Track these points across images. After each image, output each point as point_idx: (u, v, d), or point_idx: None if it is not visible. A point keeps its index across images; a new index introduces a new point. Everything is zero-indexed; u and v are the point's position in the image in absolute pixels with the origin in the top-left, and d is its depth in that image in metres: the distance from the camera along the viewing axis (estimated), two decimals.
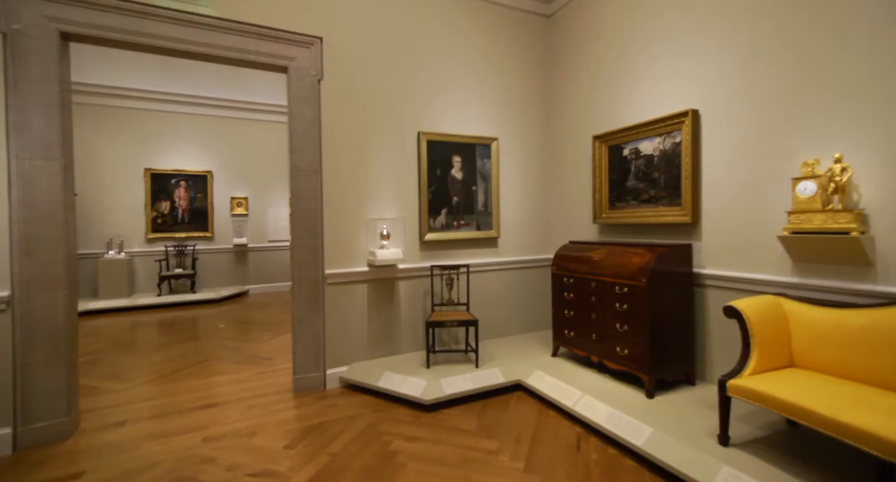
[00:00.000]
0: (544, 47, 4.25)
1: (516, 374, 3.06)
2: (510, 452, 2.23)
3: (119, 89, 6.45)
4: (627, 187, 3.40)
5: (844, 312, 1.98)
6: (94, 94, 6.37)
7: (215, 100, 7.05)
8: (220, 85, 6.46)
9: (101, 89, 6.34)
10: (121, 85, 6.38)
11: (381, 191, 3.43)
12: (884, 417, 1.51)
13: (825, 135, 2.23)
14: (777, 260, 2.43)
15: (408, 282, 3.51)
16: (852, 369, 1.91)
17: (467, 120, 3.82)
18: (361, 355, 3.32)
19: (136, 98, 6.62)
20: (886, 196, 2.01)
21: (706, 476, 1.80)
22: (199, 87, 6.55)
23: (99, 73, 5.90)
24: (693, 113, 2.85)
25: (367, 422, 2.59)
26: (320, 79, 3.20)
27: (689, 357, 2.78)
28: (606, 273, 2.91)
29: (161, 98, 6.73)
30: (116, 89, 6.43)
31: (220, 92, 6.81)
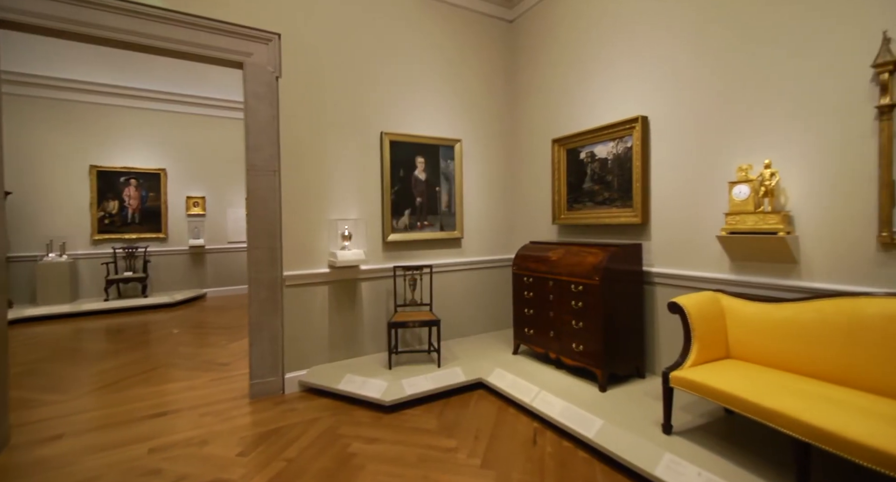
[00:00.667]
0: (507, 52, 4.34)
1: (477, 373, 3.10)
2: (468, 449, 2.27)
3: (61, 80, 6.03)
4: (584, 189, 3.53)
5: (772, 306, 2.15)
6: (32, 86, 5.92)
7: (169, 94, 6.73)
8: (174, 79, 6.17)
9: (39, 80, 5.91)
10: (63, 76, 5.98)
11: (342, 191, 3.40)
12: (800, 401, 1.66)
13: (757, 142, 2.40)
14: (716, 258, 2.60)
15: (370, 284, 3.49)
16: (779, 358, 2.07)
17: (431, 121, 3.84)
18: (322, 358, 3.26)
19: (80, 90, 6.21)
20: (808, 199, 2.19)
21: (649, 463, 1.91)
22: (151, 80, 6.23)
23: (39, 62, 5.49)
24: (643, 119, 3.00)
25: (326, 426, 2.55)
26: (278, 76, 3.13)
27: (640, 351, 2.92)
28: (563, 272, 3.01)
29: (109, 91, 6.35)
30: (58, 80, 6.01)
31: (174, 86, 6.50)
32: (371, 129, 3.53)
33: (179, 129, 6.99)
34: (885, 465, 1.34)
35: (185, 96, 6.84)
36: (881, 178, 1.94)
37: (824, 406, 1.62)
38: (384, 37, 3.59)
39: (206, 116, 7.17)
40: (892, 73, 1.90)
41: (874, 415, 1.54)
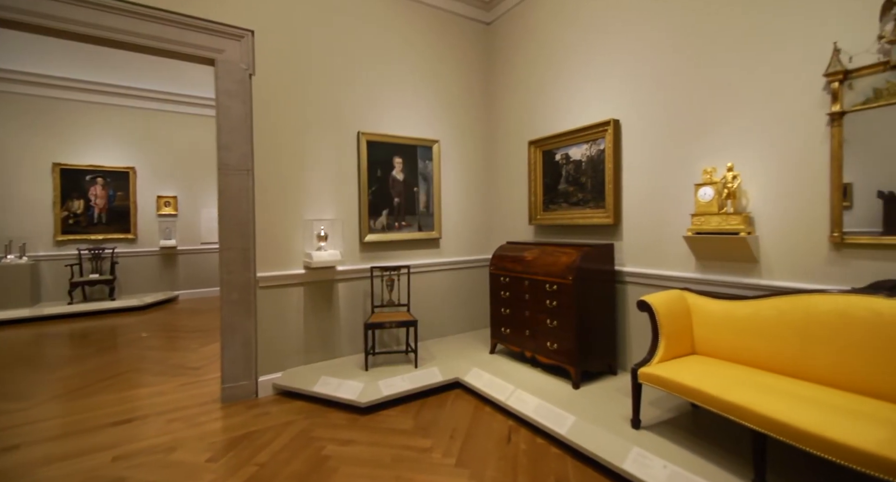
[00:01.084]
0: (484, 54, 4.38)
1: (455, 373, 3.12)
2: (443, 449, 2.28)
3: (22, 74, 5.76)
4: (559, 190, 3.60)
5: (734, 304, 2.24)
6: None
7: (139, 90, 6.51)
8: (145, 74, 5.98)
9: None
10: (24, 69, 5.70)
11: (318, 191, 3.36)
12: (758, 394, 1.73)
13: (721, 146, 2.50)
14: (683, 258, 2.69)
15: (347, 284, 3.46)
16: (740, 354, 2.16)
17: (409, 122, 3.84)
18: (297, 360, 3.22)
19: (42, 85, 5.94)
20: (767, 201, 2.30)
21: (618, 457, 1.96)
22: (119, 75, 6.01)
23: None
24: (615, 122, 3.08)
25: (300, 429, 2.52)
26: (252, 73, 3.07)
27: (612, 349, 2.99)
28: (538, 272, 3.05)
29: (73, 86, 6.10)
30: (18, 74, 5.74)
31: (144, 82, 6.29)
32: (348, 129, 3.50)
33: (150, 126, 6.77)
34: (833, 453, 1.42)
35: (156, 92, 6.63)
36: (832, 181, 2.05)
37: (780, 398, 1.69)
38: (361, 37, 3.57)
39: (178, 113, 6.96)
40: (842, 81, 2.01)
41: (825, 405, 1.62)
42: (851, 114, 2.00)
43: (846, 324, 1.83)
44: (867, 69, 1.94)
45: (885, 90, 1.90)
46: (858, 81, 1.98)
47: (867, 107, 1.95)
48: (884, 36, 1.88)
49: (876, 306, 1.78)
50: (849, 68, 1.99)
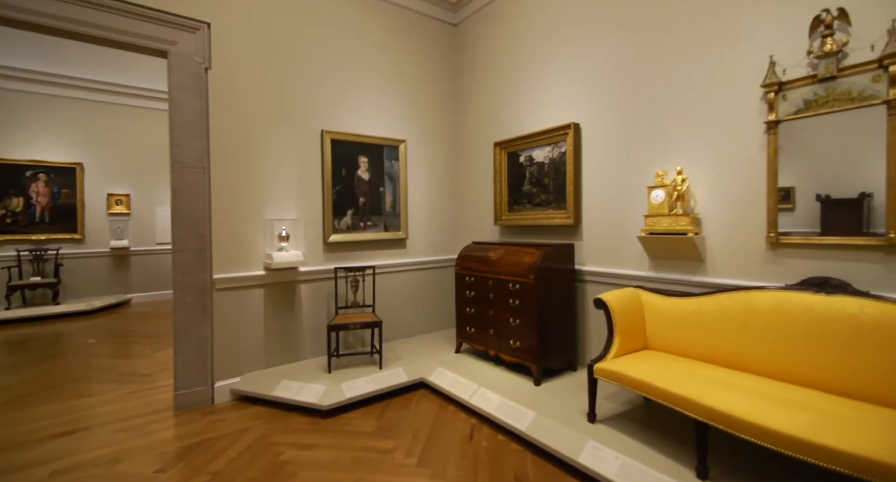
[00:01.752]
0: (451, 55, 4.40)
1: (420, 373, 3.12)
2: (405, 449, 2.27)
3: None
4: (523, 191, 3.67)
5: (682, 300, 2.36)
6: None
7: (87, 81, 6.12)
8: (92, 64, 5.63)
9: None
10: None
11: (280, 190, 3.27)
12: (701, 386, 1.83)
13: (672, 150, 2.63)
14: (638, 257, 2.80)
15: (310, 286, 3.39)
16: (688, 348, 2.28)
17: (375, 121, 3.81)
18: (257, 364, 3.12)
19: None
20: (713, 203, 2.43)
21: (574, 451, 2.02)
22: (65, 65, 5.63)
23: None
24: (575, 126, 3.17)
25: (258, 435, 2.45)
26: (208, 67, 2.96)
27: (572, 346, 3.08)
28: (502, 271, 3.10)
29: (13, 75, 5.66)
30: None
31: (93, 72, 5.92)
32: (311, 127, 3.43)
33: (99, 119, 6.38)
34: (764, 439, 1.52)
35: (107, 84, 6.26)
36: (769, 186, 2.19)
37: (720, 389, 1.80)
38: (325, 34, 3.51)
39: (131, 107, 6.60)
40: (776, 92, 2.16)
41: (759, 395, 1.74)
42: (785, 123, 2.15)
43: (780, 319, 1.97)
44: (798, 81, 2.09)
45: (813, 101, 2.06)
46: (791, 92, 2.13)
47: (798, 116, 2.10)
48: (812, 51, 2.04)
49: (806, 301, 1.93)
50: (783, 80, 2.13)
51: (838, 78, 1.98)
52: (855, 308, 1.78)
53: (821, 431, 1.43)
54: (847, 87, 1.96)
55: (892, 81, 1.82)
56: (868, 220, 1.91)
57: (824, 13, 2.00)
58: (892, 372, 1.65)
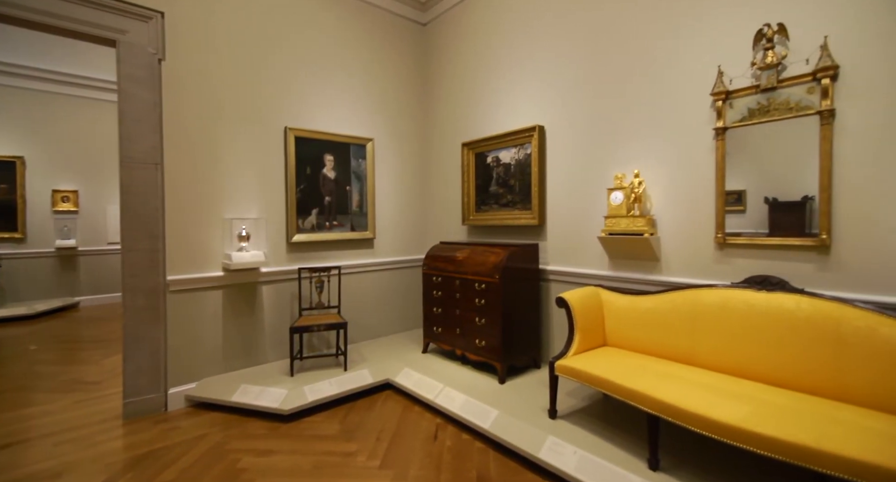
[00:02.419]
0: (420, 55, 4.39)
1: (386, 374, 3.09)
2: (368, 452, 2.25)
3: None
4: (490, 192, 3.70)
5: (638, 298, 2.45)
6: None
7: (31, 69, 5.70)
8: (35, 51, 5.24)
9: None
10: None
11: (240, 188, 3.16)
12: (653, 380, 1.91)
13: (630, 153, 2.72)
14: (598, 257, 2.89)
15: (272, 287, 3.30)
16: (643, 344, 2.37)
17: (341, 119, 3.74)
18: (215, 369, 3.01)
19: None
20: (667, 205, 2.54)
21: (535, 447, 2.06)
22: (5, 51, 5.22)
23: None
24: (539, 128, 3.23)
25: (214, 442, 2.36)
26: (161, 58, 2.82)
27: (536, 344, 3.14)
28: (469, 271, 3.13)
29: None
30: None
31: (37, 60, 5.52)
32: (274, 124, 3.34)
33: (42, 110, 5.95)
34: (708, 429, 1.61)
35: (51, 73, 5.84)
36: (717, 189, 2.31)
37: (671, 383, 1.88)
38: (289, 29, 3.42)
39: (77, 97, 6.19)
40: (724, 100, 2.28)
41: (706, 388, 1.83)
42: (732, 129, 2.27)
43: (726, 315, 2.08)
44: (743, 91, 2.22)
45: (757, 110, 2.19)
46: (737, 101, 2.25)
47: (744, 124, 2.23)
48: (755, 63, 2.16)
49: (749, 299, 2.05)
50: (730, 89, 2.25)
51: (778, 88, 2.11)
52: (791, 304, 1.91)
53: (758, 421, 1.53)
54: (786, 97, 2.09)
55: (824, 93, 1.96)
56: (810, 222, 2.04)
57: (766, 27, 2.12)
58: (822, 363, 1.77)
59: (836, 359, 1.74)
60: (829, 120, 1.95)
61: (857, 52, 1.89)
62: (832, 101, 1.95)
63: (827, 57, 1.94)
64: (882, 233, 1.84)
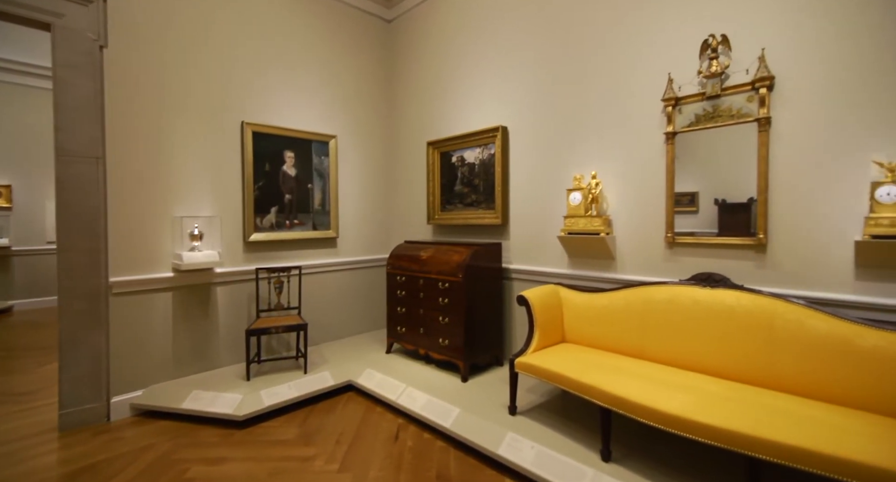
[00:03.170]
0: (386, 51, 4.34)
1: (348, 375, 3.04)
2: (327, 456, 2.20)
3: None
4: (455, 191, 3.71)
5: (595, 296, 2.53)
6: None
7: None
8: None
9: None
10: None
11: (192, 185, 3.01)
12: (606, 375, 1.98)
13: (589, 155, 2.80)
14: (559, 255, 2.96)
15: (228, 288, 3.16)
16: (599, 340, 2.45)
17: (303, 114, 3.64)
18: (164, 375, 2.85)
19: None
20: (621, 205, 2.64)
21: (494, 443, 2.08)
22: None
23: None
24: (503, 129, 3.27)
25: (161, 452, 2.23)
26: (103, 45, 2.64)
27: (499, 341, 3.18)
28: (432, 270, 3.12)
29: None
30: None
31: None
32: (230, 118, 3.20)
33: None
34: (654, 420, 1.68)
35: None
36: (667, 190, 2.42)
37: (623, 377, 1.95)
38: (248, 19, 3.28)
39: (11, 84, 5.69)
40: (674, 106, 2.39)
41: (654, 381, 1.91)
42: (682, 134, 2.38)
43: (674, 311, 2.18)
44: (691, 97, 2.33)
45: (703, 116, 2.31)
46: (686, 107, 2.36)
47: (692, 129, 2.34)
48: (702, 71, 2.28)
49: (694, 295, 2.16)
50: (679, 96, 2.36)
51: (722, 96, 2.23)
52: (732, 300, 2.02)
53: (700, 411, 1.61)
54: (729, 104, 2.21)
55: (762, 102, 2.09)
56: (755, 223, 2.16)
57: (711, 38, 2.24)
58: (758, 355, 1.90)
59: (770, 350, 1.86)
60: (766, 127, 2.09)
61: (789, 64, 2.04)
62: (769, 109, 2.08)
63: (764, 68, 2.07)
64: (809, 232, 1.99)
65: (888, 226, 1.69)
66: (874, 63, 1.82)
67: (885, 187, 1.72)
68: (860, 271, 1.86)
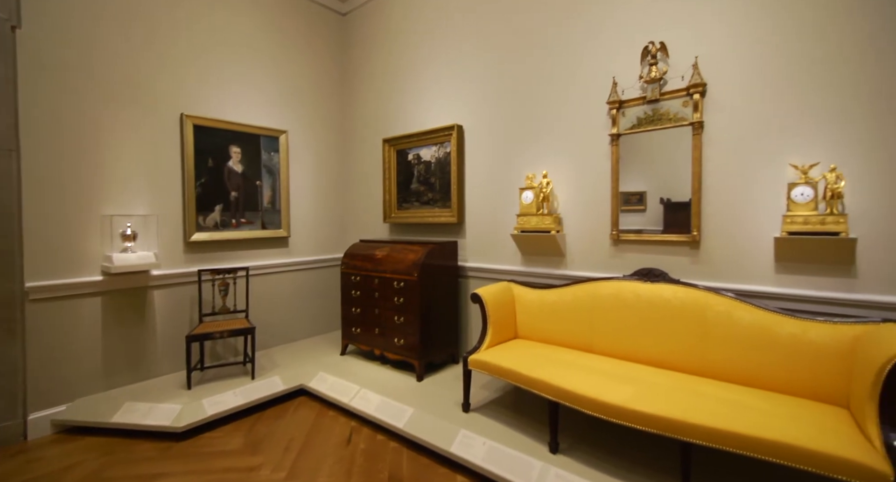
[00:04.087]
0: (340, 45, 4.22)
1: (299, 379, 2.93)
2: (274, 464, 2.11)
3: None
4: (412, 189, 3.68)
5: (546, 292, 2.60)
6: None
7: None
8: None
9: None
10: None
11: (124, 181, 2.79)
12: (555, 368, 2.03)
13: (540, 155, 2.86)
14: (512, 253, 3.01)
15: (167, 291, 2.96)
16: (549, 335, 2.51)
17: (250, 108, 3.47)
18: (93, 387, 2.62)
19: None
20: (571, 204, 2.72)
21: (446, 441, 2.08)
22: None
23: None
24: (458, 127, 3.27)
25: (88, 471, 2.05)
26: (16, 26, 2.38)
27: (455, 339, 3.19)
28: (387, 269, 3.08)
29: None
30: None
31: None
32: (168, 110, 2.99)
33: None
34: (599, 411, 1.74)
35: None
36: (612, 190, 2.52)
37: (570, 371, 2.01)
38: (186, 4, 3.07)
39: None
40: (618, 109, 2.49)
41: (601, 373, 1.99)
42: (625, 136, 2.48)
43: (618, 305, 2.28)
44: (634, 101, 2.43)
45: (644, 119, 2.42)
46: (629, 110, 2.47)
47: (634, 131, 2.45)
48: (643, 76, 2.39)
49: (636, 289, 2.26)
50: (623, 99, 2.46)
51: (661, 100, 2.35)
52: (669, 294, 2.14)
53: (639, 400, 1.69)
54: (667, 108, 2.33)
55: (695, 107, 2.22)
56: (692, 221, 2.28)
57: (651, 45, 2.35)
58: (693, 345, 2.02)
59: (703, 341, 1.99)
60: (700, 131, 2.22)
61: (720, 72, 2.17)
62: (702, 114, 2.22)
63: (697, 75, 2.20)
64: (737, 230, 2.14)
65: (802, 223, 1.85)
66: (791, 75, 1.99)
67: (799, 188, 1.88)
68: (779, 265, 2.02)
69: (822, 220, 1.80)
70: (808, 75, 1.94)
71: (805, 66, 1.95)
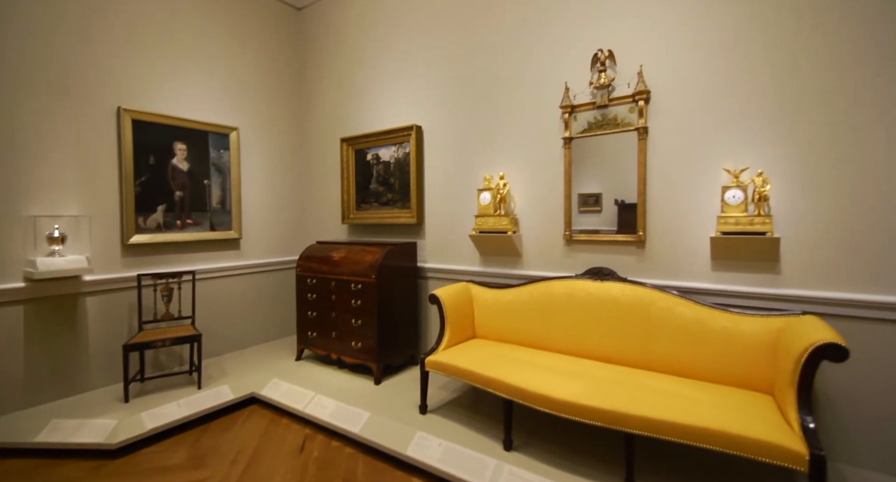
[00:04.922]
0: (296, 41, 4.10)
1: (250, 387, 2.80)
2: (219, 478, 2.00)
3: None
4: (371, 190, 3.63)
5: (503, 292, 2.63)
6: None
7: None
8: None
9: None
10: None
11: (52, 179, 2.56)
12: (509, 367, 2.06)
13: (497, 156, 2.90)
14: (471, 253, 3.03)
15: (101, 298, 2.75)
16: (506, 334, 2.55)
17: (197, 103, 3.29)
18: (13, 405, 2.39)
19: None
20: (527, 205, 2.77)
21: (403, 444, 2.06)
22: None
23: None
24: (417, 128, 3.26)
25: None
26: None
27: (414, 340, 3.17)
28: (345, 271, 3.01)
29: None
30: None
31: None
32: (103, 102, 2.78)
33: None
34: (549, 407, 1.78)
35: None
36: (565, 191, 2.60)
37: (524, 369, 2.05)
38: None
39: None
40: (570, 113, 2.57)
41: (553, 370, 2.03)
42: (577, 139, 2.56)
43: (570, 303, 2.35)
44: (584, 106, 2.52)
45: (594, 123, 2.51)
46: (580, 114, 2.55)
47: (585, 135, 2.53)
48: (592, 82, 2.48)
49: (587, 287, 2.34)
50: (574, 104, 2.54)
51: (609, 106, 2.44)
52: (617, 291, 2.23)
53: (587, 395, 1.74)
54: (615, 114, 2.43)
55: (640, 113, 2.33)
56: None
57: (600, 52, 2.45)
58: (638, 340, 2.11)
59: (647, 336, 2.09)
60: (644, 136, 2.33)
61: (664, 81, 2.29)
62: (646, 119, 2.33)
63: (642, 82, 2.31)
64: (677, 230, 2.26)
65: (734, 224, 1.98)
66: (725, 86, 2.13)
67: (731, 191, 2.02)
68: (715, 263, 2.16)
69: (750, 220, 1.94)
70: (739, 85, 2.09)
71: (737, 75, 2.09)
